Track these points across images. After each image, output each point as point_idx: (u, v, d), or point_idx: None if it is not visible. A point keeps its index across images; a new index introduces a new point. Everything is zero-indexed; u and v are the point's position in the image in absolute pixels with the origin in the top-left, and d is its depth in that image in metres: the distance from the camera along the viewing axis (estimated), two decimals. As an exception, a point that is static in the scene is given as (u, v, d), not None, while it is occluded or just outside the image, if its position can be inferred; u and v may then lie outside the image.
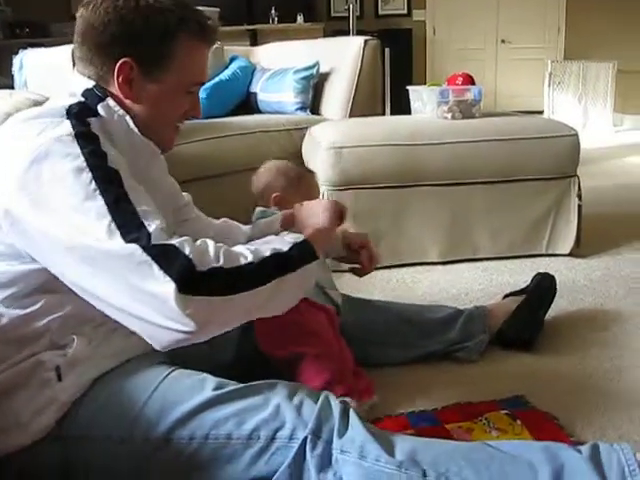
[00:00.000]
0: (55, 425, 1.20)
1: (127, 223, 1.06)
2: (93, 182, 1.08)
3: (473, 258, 2.63)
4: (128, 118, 1.26)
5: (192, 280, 1.03)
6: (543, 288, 2.00)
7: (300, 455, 1.15)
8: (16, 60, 3.49)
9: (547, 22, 7.85)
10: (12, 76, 3.51)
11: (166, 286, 1.02)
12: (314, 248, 1.23)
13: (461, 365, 1.81)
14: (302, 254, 1.20)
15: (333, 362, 1.51)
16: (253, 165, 3.05)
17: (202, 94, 3.43)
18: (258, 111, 3.59)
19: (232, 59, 3.76)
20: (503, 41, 8.05)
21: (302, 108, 3.41)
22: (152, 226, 1.07)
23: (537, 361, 1.84)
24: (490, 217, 2.60)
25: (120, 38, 1.22)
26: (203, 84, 1.36)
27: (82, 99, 1.25)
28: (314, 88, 3.46)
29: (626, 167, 4.80)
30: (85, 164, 1.09)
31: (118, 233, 1.05)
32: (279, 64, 3.64)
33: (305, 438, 1.15)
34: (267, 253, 1.14)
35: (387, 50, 6.09)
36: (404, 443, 1.16)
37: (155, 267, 1.03)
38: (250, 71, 3.70)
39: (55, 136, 1.12)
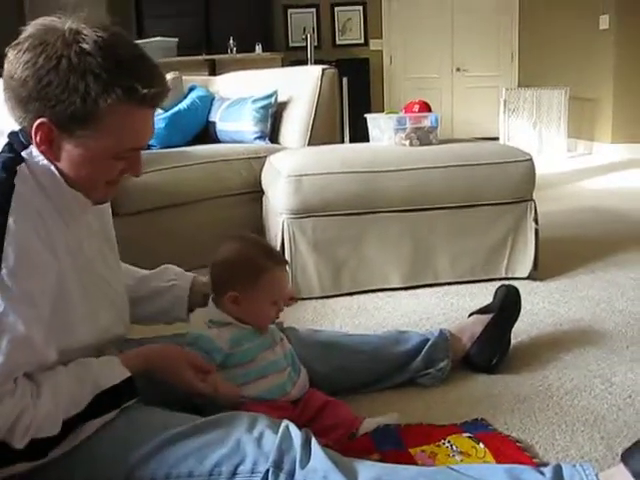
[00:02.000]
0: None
1: None
2: None
3: (434, 283, 2.65)
4: (53, 168, 1.19)
5: None
6: (508, 305, 1.96)
7: None
8: None
9: (501, 50, 8.04)
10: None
11: None
12: (135, 388, 1.27)
13: (423, 389, 1.81)
14: (113, 399, 1.24)
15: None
16: (213, 194, 3.09)
17: (161, 124, 3.43)
18: (217, 140, 3.59)
19: (191, 89, 3.77)
20: (458, 69, 8.22)
21: (261, 137, 3.42)
22: None
23: (499, 383, 1.85)
24: (450, 242, 2.62)
25: (36, 99, 1.12)
26: (140, 148, 1.24)
27: (8, 141, 1.21)
28: (273, 117, 3.49)
29: (580, 191, 4.90)
30: None
31: None
32: (238, 93, 3.66)
33: (267, 471, 1.14)
34: (78, 409, 1.18)
35: (345, 79, 6.17)
36: (367, 471, 1.15)
37: None
38: (209, 100, 3.71)
39: None
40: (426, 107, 2.77)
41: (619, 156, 6.29)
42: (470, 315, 2.02)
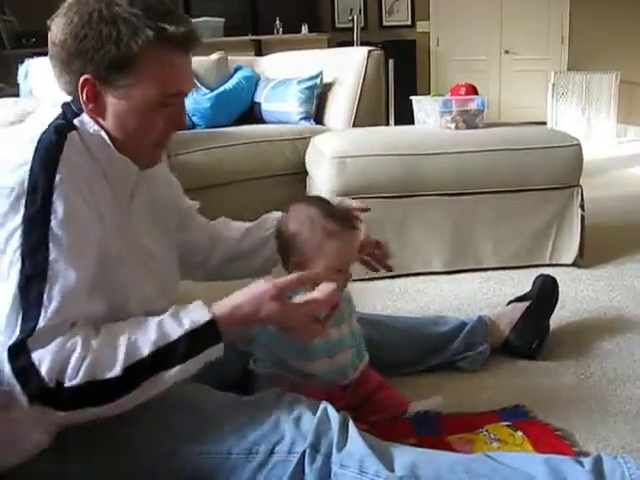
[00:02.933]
0: (51, 440, 1.21)
1: (27, 304, 1.08)
2: (20, 248, 1.09)
3: (477, 268, 2.62)
4: (103, 133, 1.22)
5: (45, 398, 1.06)
6: (546, 293, 1.98)
7: (299, 469, 1.15)
8: (21, 69, 3.52)
9: (550, 33, 7.86)
10: (18, 85, 3.52)
11: (24, 401, 1.06)
12: (219, 331, 1.16)
13: (463, 374, 1.81)
14: (196, 343, 1.14)
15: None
16: (256, 175, 3.10)
17: (206, 103, 3.46)
18: (262, 121, 3.60)
19: (236, 69, 3.78)
20: (507, 52, 8.06)
21: (306, 118, 3.42)
22: (43, 317, 1.07)
23: (541, 371, 1.84)
24: (494, 227, 2.60)
25: (76, 55, 1.16)
26: (183, 94, 1.25)
27: (62, 111, 1.24)
28: (318, 98, 3.48)
29: (629, 178, 4.80)
30: (21, 228, 1.09)
31: (17, 309, 1.07)
32: (283, 74, 3.66)
33: (304, 452, 1.15)
34: (145, 352, 1.11)
35: (391, 61, 6.11)
36: (404, 456, 1.16)
37: (15, 382, 1.06)
38: (254, 81, 3.72)
39: (7, 187, 1.11)
40: (473, 90, 2.74)
41: (670, 143, 6.14)
42: (509, 303, 2.02)
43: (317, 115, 3.50)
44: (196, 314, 1.15)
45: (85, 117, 1.22)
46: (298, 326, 1.25)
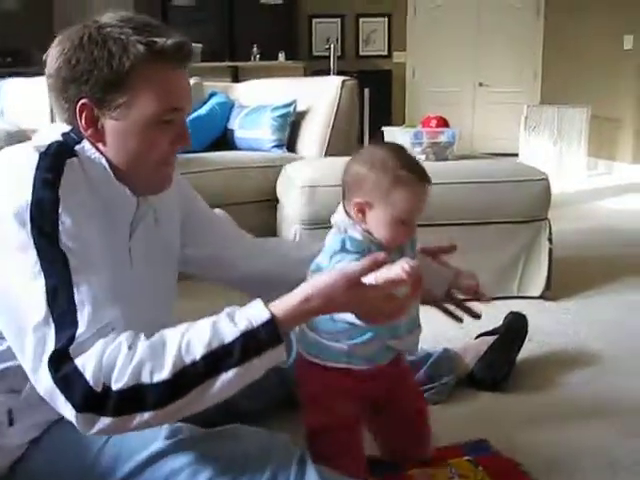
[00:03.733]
0: (8, 470, 1.19)
1: (59, 316, 1.02)
2: (38, 262, 1.05)
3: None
4: (104, 161, 1.19)
5: (91, 404, 1.00)
6: (515, 329, 2.01)
7: None
8: None
9: (524, 67, 8.02)
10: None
11: (69, 411, 1.00)
12: (278, 332, 1.06)
13: (429, 407, 1.80)
14: (254, 344, 1.04)
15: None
16: (227, 201, 3.08)
17: (179, 129, 3.45)
18: (235, 147, 3.60)
19: (211, 95, 3.79)
20: (481, 84, 8.20)
21: (278, 146, 3.43)
22: (81, 324, 1.02)
23: (504, 402, 1.85)
24: (462, 259, 2.58)
25: (71, 81, 1.16)
26: (182, 110, 1.21)
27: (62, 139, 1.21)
28: (291, 126, 3.50)
29: (598, 211, 4.86)
30: (32, 242, 1.05)
31: (50, 324, 1.02)
32: (258, 101, 3.67)
33: None
34: (197, 355, 1.02)
35: (366, 90, 6.17)
36: None
37: (58, 393, 1.00)
38: (228, 107, 3.73)
39: (10, 206, 1.08)
40: (443, 122, 2.77)
41: (639, 176, 6.24)
42: (477, 337, 2.03)
43: (290, 143, 3.51)
44: (253, 313, 1.06)
45: (86, 144, 1.19)
46: (378, 310, 1.14)
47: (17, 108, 3.44)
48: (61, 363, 0.99)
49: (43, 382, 1.01)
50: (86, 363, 0.99)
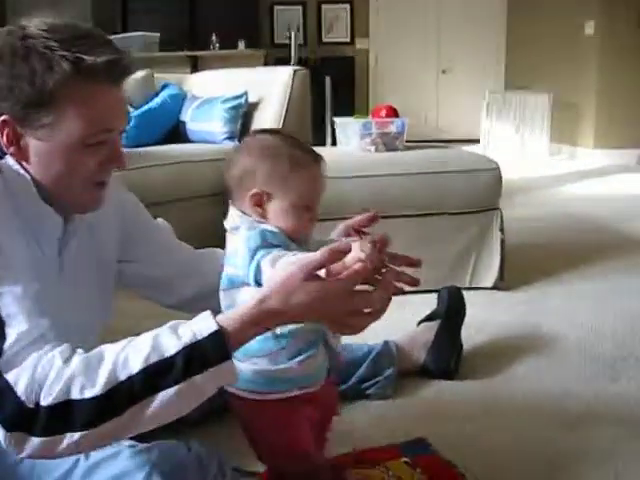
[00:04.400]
0: None
1: None
2: None
3: (395, 293, 2.59)
4: (29, 178, 1.13)
5: (21, 422, 0.93)
6: (454, 308, 2.00)
7: None
8: None
9: (487, 53, 8.01)
10: None
11: None
12: (226, 346, 0.96)
13: (368, 403, 1.79)
14: (198, 359, 0.95)
15: None
16: (177, 197, 3.02)
17: (130, 122, 3.37)
18: (187, 140, 3.53)
19: (164, 86, 3.71)
20: (444, 71, 8.18)
21: (230, 138, 3.37)
22: (9, 338, 0.96)
23: (452, 395, 1.84)
24: (412, 251, 2.53)
25: None
26: (114, 131, 1.14)
27: None
28: (243, 117, 3.43)
29: (559, 196, 4.86)
30: None
31: None
32: (210, 93, 3.60)
33: None
34: (133, 370, 0.94)
35: (327, 78, 6.13)
36: None
37: None
38: (180, 99, 3.65)
39: None
40: (393, 112, 2.73)
41: (601, 162, 6.26)
42: (419, 324, 2.03)
43: (242, 135, 3.44)
44: (199, 325, 0.97)
45: (9, 160, 1.13)
46: (344, 310, 1.01)
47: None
48: (6, 362, 0.94)
49: None
50: (18, 378, 0.93)
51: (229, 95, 3.42)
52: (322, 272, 1.01)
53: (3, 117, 1.09)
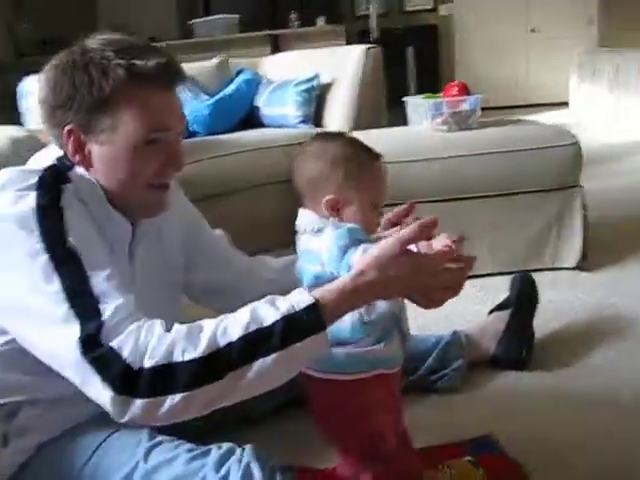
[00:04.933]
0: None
1: (82, 310, 1.02)
2: (50, 264, 1.05)
3: (472, 275, 2.52)
4: (98, 186, 1.20)
5: (129, 383, 0.98)
6: (526, 296, 1.95)
7: None
8: (20, 86, 3.41)
9: (578, 10, 7.63)
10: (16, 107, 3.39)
11: (103, 394, 0.99)
12: (322, 318, 1.01)
13: (435, 397, 1.76)
14: (295, 329, 1.00)
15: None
16: (251, 184, 3.04)
17: (205, 110, 3.42)
18: (262, 125, 3.54)
19: (238, 72, 3.73)
20: (533, 30, 7.85)
21: (304, 121, 3.35)
22: (107, 312, 1.02)
23: (525, 385, 1.79)
24: (488, 232, 2.50)
25: (56, 107, 1.17)
26: (170, 131, 1.20)
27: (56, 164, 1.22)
28: (316, 100, 3.40)
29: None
30: (42, 245, 1.06)
31: (74, 321, 1.01)
32: (284, 76, 3.59)
33: None
34: (233, 337, 0.99)
35: (410, 49, 6.02)
36: None
37: (92, 374, 0.99)
38: (255, 84, 3.66)
39: (15, 214, 1.09)
40: (465, 90, 2.64)
41: None
42: (490, 312, 1.98)
43: (317, 117, 3.42)
44: (296, 298, 1.03)
45: (79, 169, 1.20)
46: (433, 284, 1.09)
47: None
48: (93, 347, 0.99)
49: (80, 370, 1.00)
50: (123, 344, 0.99)
51: (301, 78, 3.40)
52: (413, 248, 1.10)
53: (68, 127, 1.17)
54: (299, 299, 1.03)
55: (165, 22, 7.54)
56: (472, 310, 2.18)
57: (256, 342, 0.99)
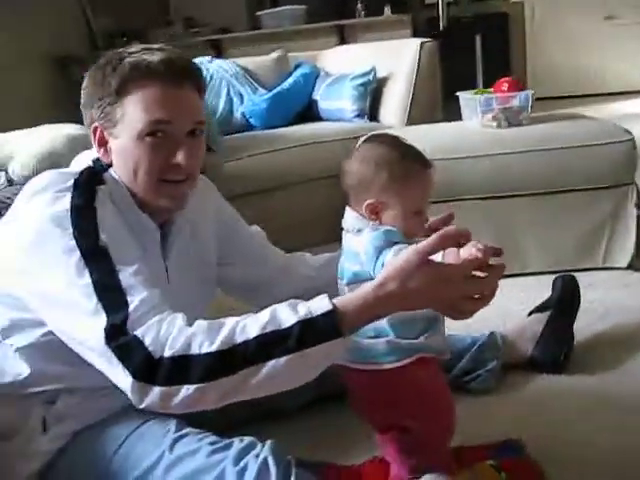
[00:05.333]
0: (37, 475, 1.27)
1: (110, 302, 1.08)
2: (82, 260, 1.12)
3: (520, 273, 2.50)
4: (125, 189, 1.27)
5: (148, 371, 1.03)
6: (567, 299, 1.92)
7: None
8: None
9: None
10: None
11: (125, 380, 1.05)
12: (338, 325, 1.03)
13: (468, 398, 1.74)
14: (311, 333, 1.02)
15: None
16: (306, 178, 3.08)
17: (262, 104, 3.47)
18: (319, 118, 3.57)
19: (296, 66, 3.77)
20: (609, 17, 7.58)
21: (359, 115, 3.38)
22: (133, 304, 1.08)
23: (561, 389, 1.77)
24: (537, 230, 2.47)
25: (85, 107, 1.28)
26: (172, 124, 1.23)
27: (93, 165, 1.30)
28: (372, 94, 3.41)
29: None
30: (75, 243, 1.14)
31: (102, 312, 1.08)
32: (342, 69, 3.61)
33: None
34: (250, 335, 1.02)
35: (477, 37, 5.90)
36: None
37: (115, 360, 1.05)
38: (313, 78, 3.69)
39: (52, 214, 1.17)
40: (516, 85, 2.61)
41: None
42: (530, 314, 1.95)
43: (373, 111, 3.43)
44: (317, 304, 1.05)
45: (112, 172, 1.28)
46: (458, 294, 1.06)
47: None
48: (118, 335, 1.05)
49: (105, 357, 1.06)
50: (145, 333, 1.04)
51: (358, 72, 3.41)
52: (438, 257, 1.09)
53: (94, 125, 1.26)
54: (318, 305, 1.05)
55: (235, 14, 7.61)
56: (512, 311, 2.15)
57: (271, 343, 1.02)
